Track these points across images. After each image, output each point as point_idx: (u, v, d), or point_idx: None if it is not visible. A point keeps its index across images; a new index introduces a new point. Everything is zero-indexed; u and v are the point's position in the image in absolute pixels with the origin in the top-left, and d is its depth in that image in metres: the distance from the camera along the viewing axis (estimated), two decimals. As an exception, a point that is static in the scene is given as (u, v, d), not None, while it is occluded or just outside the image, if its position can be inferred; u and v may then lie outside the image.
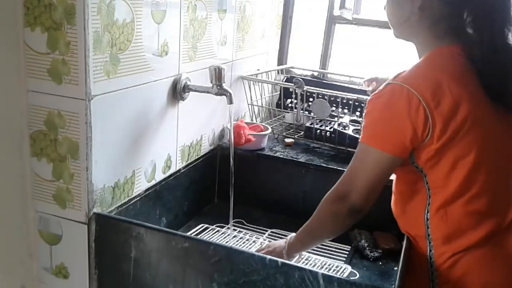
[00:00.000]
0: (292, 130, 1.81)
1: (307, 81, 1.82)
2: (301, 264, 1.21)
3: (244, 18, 1.67)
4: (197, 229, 1.42)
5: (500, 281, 1.02)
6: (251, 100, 1.79)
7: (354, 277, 1.23)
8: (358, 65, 2.13)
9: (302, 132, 1.74)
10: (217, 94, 1.30)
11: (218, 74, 1.28)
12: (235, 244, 1.36)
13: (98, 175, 1.05)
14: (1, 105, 1.00)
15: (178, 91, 1.29)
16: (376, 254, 1.33)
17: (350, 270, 1.26)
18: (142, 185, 1.23)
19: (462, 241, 1.01)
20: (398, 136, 0.99)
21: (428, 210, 1.04)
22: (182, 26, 1.27)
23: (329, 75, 2.18)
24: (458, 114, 0.96)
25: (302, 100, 1.72)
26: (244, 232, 1.43)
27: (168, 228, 1.22)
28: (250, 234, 1.42)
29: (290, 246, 1.16)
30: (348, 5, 2.04)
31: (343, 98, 1.72)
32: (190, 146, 1.44)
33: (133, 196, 1.19)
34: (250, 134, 1.59)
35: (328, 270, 1.23)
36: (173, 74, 1.28)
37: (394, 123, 0.99)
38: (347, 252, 1.35)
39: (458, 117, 0.96)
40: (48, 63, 0.98)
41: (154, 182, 1.28)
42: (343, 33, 2.16)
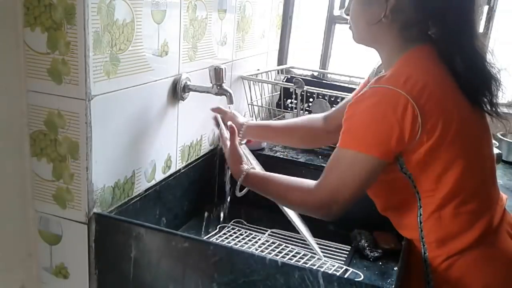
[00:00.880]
0: (292, 130, 1.81)
1: (307, 81, 1.82)
2: (301, 264, 1.21)
3: (244, 18, 1.67)
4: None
5: (500, 281, 1.01)
6: (251, 100, 1.79)
7: (354, 277, 1.23)
8: (358, 65, 2.13)
9: (302, 132, 1.74)
10: (217, 94, 1.30)
11: (218, 74, 1.28)
12: (237, 241, 1.36)
13: (98, 175, 1.05)
14: (1, 105, 1.00)
15: (178, 91, 1.29)
16: (376, 254, 1.33)
17: (350, 270, 1.26)
18: (142, 185, 1.23)
19: (456, 243, 1.00)
20: (384, 138, 0.94)
21: (420, 214, 1.02)
22: (182, 26, 1.27)
23: (329, 75, 2.18)
24: (447, 113, 0.95)
25: (302, 100, 1.72)
26: (248, 232, 1.43)
27: (168, 228, 1.22)
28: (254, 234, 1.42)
29: (251, 177, 1.13)
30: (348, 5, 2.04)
31: (343, 98, 1.72)
32: (190, 146, 1.44)
33: (133, 196, 1.19)
34: (250, 134, 1.59)
35: (328, 270, 1.23)
36: (173, 74, 1.28)
37: (379, 125, 0.93)
38: (347, 252, 1.35)
39: (447, 115, 0.95)
40: (48, 63, 0.98)
41: (154, 182, 1.28)
42: (343, 33, 2.16)
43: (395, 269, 1.24)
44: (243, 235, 1.41)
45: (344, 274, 1.23)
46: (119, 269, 1.06)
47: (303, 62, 2.29)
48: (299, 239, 1.39)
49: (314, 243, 1.33)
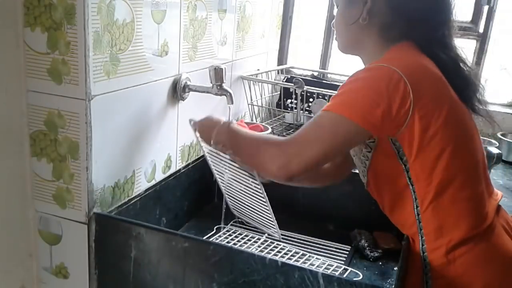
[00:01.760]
0: (292, 130, 1.81)
1: (307, 81, 1.82)
2: (301, 264, 1.21)
3: (244, 18, 1.67)
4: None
5: (499, 280, 1.01)
6: (251, 100, 1.79)
7: (354, 277, 1.23)
8: (358, 65, 2.12)
9: (302, 132, 1.74)
10: (217, 94, 1.30)
11: (218, 74, 1.27)
12: (237, 241, 1.36)
13: (98, 175, 1.05)
14: (1, 105, 1.00)
15: (178, 91, 1.29)
16: (376, 254, 1.33)
17: (350, 270, 1.26)
18: (142, 185, 1.23)
19: (454, 232, 1.00)
20: (368, 106, 0.94)
21: (417, 205, 1.03)
22: (182, 26, 1.27)
23: (329, 75, 2.18)
24: (439, 94, 0.98)
25: (302, 100, 1.72)
26: (247, 232, 1.43)
27: (168, 228, 1.22)
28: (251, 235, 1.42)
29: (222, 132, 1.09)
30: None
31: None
32: (190, 146, 1.45)
33: (133, 196, 1.19)
34: (250, 134, 1.59)
35: (328, 270, 1.23)
36: (173, 74, 1.28)
37: (368, 92, 0.94)
38: (347, 252, 1.35)
39: (439, 96, 0.98)
40: (48, 63, 0.98)
41: (154, 182, 1.28)
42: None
43: (395, 269, 1.24)
44: (243, 235, 1.41)
45: (343, 274, 1.23)
46: (119, 269, 1.06)
47: (303, 62, 2.29)
48: (299, 239, 1.39)
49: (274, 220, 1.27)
